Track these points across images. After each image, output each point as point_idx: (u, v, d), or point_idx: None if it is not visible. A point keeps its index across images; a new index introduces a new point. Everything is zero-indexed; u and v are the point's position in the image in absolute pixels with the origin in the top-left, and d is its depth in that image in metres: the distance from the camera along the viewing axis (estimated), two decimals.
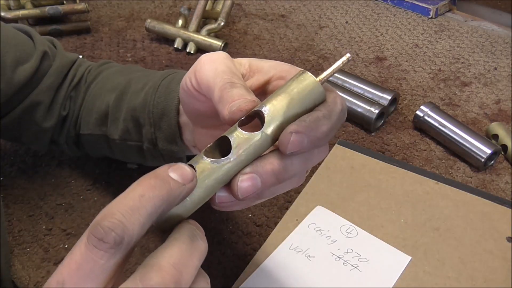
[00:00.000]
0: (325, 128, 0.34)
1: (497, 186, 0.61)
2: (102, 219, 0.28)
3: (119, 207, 0.28)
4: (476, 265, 0.50)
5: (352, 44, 0.91)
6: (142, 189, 0.29)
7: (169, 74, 0.51)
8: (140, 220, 0.28)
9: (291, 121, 0.33)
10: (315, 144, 0.34)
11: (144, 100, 0.50)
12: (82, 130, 0.56)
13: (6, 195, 0.61)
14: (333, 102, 0.35)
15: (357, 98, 0.71)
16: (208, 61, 0.39)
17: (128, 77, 0.54)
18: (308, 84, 0.34)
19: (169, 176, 0.30)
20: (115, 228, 0.27)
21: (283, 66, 0.40)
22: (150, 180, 0.30)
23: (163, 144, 0.49)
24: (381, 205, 0.57)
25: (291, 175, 0.35)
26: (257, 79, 0.40)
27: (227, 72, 0.37)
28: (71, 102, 0.57)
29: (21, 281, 0.52)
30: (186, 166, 0.31)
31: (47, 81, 0.55)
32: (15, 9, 0.91)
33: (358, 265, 0.50)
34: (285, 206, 0.58)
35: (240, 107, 0.34)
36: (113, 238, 0.27)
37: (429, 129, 0.68)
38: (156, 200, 0.29)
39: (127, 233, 0.28)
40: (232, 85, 0.36)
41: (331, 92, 0.37)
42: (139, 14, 1.02)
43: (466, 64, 0.84)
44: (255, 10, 1.03)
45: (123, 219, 0.28)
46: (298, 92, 0.34)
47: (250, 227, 0.56)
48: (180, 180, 0.30)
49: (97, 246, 0.27)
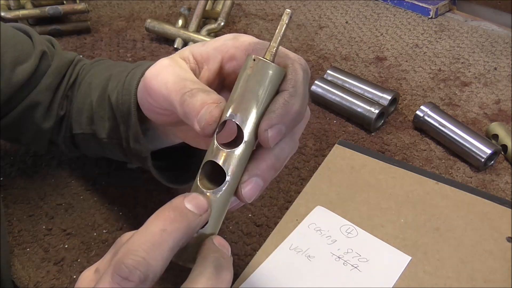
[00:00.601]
0: (296, 106, 0.34)
1: (497, 186, 0.61)
2: (124, 256, 0.28)
3: (141, 243, 0.28)
4: (476, 265, 0.50)
5: (352, 44, 0.91)
6: (163, 223, 0.29)
7: (134, 68, 0.49)
8: (163, 255, 0.28)
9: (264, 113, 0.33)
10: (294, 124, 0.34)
11: (116, 97, 0.48)
12: (74, 130, 0.55)
13: (6, 195, 0.61)
14: (293, 72, 0.34)
15: (357, 98, 0.71)
16: (154, 77, 0.38)
17: (110, 73, 0.53)
18: (266, 73, 0.33)
19: (186, 208, 0.30)
20: (139, 266, 0.27)
21: (227, 43, 0.38)
22: (168, 213, 0.30)
23: (132, 143, 0.48)
24: (381, 205, 0.57)
25: (286, 157, 0.36)
26: (208, 69, 0.39)
27: (177, 82, 0.36)
28: (68, 102, 0.57)
29: (21, 281, 0.52)
30: (200, 195, 0.31)
31: (46, 81, 0.55)
32: (15, 9, 0.91)
33: (358, 265, 0.50)
34: (285, 206, 0.58)
35: (208, 121, 0.33)
36: (138, 277, 0.27)
37: (429, 129, 0.68)
38: (177, 234, 0.29)
39: (151, 269, 0.28)
40: (190, 94, 0.35)
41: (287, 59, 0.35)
42: (139, 14, 1.02)
43: (466, 64, 0.84)
44: (255, 10, 1.03)
45: (146, 256, 0.28)
46: (260, 87, 0.33)
47: (250, 227, 0.56)
48: (196, 211, 0.31)
49: (122, 285, 0.27)
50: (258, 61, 0.33)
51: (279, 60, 0.35)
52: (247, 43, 0.38)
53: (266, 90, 0.33)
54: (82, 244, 0.55)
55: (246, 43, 0.38)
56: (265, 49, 0.35)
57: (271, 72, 0.33)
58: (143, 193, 0.61)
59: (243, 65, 0.34)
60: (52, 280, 0.52)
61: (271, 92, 0.33)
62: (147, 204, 0.60)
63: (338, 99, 0.72)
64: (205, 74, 0.39)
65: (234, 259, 0.53)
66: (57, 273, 0.52)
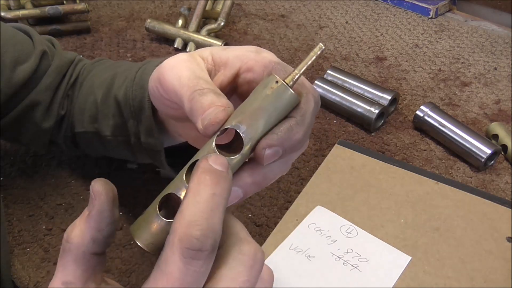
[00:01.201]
0: (299, 135, 0.34)
1: (497, 186, 0.61)
2: (189, 229, 0.27)
3: (200, 212, 0.28)
4: (476, 265, 0.50)
5: (352, 44, 0.91)
6: (210, 187, 0.29)
7: (144, 64, 0.50)
8: (221, 217, 0.29)
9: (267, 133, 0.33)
10: (292, 150, 0.34)
11: (125, 93, 0.49)
12: (76, 128, 0.56)
13: (6, 195, 0.61)
14: (306, 103, 0.35)
15: (357, 98, 0.71)
16: (170, 68, 0.38)
17: (114, 72, 0.53)
18: (283, 98, 0.33)
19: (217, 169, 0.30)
20: (208, 234, 0.27)
21: (248, 55, 0.39)
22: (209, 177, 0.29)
23: (144, 137, 0.48)
24: (381, 205, 0.57)
25: (272, 179, 0.36)
26: (224, 74, 0.39)
27: (192, 78, 0.36)
28: (68, 101, 0.57)
29: (21, 281, 0.52)
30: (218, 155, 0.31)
31: (46, 81, 0.55)
32: (15, 9, 0.91)
33: (358, 265, 0.50)
34: (285, 206, 0.58)
35: (211, 121, 0.33)
36: (211, 245, 0.27)
37: (429, 129, 0.68)
38: (226, 193, 0.29)
39: (218, 234, 0.28)
40: (200, 92, 0.35)
41: (303, 88, 0.35)
42: (139, 14, 1.02)
43: (466, 64, 0.84)
44: (255, 10, 1.03)
45: (210, 223, 0.28)
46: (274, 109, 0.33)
47: (250, 227, 0.56)
48: (224, 170, 0.30)
49: (195, 257, 0.27)
50: (280, 84, 0.33)
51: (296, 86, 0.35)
52: (267, 60, 0.38)
53: (278, 113, 0.33)
54: None
55: (266, 59, 0.38)
56: (283, 70, 0.36)
57: (288, 99, 0.33)
58: (143, 193, 0.61)
59: (263, 81, 0.34)
60: None
61: (281, 116, 0.34)
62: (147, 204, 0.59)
63: (338, 99, 0.72)
64: (219, 77, 0.39)
65: None
66: None
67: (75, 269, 0.30)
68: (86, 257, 0.30)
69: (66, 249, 0.30)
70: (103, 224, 0.30)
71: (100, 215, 0.30)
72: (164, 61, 0.39)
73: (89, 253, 0.30)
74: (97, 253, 0.31)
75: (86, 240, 0.30)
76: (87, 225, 0.30)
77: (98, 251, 0.31)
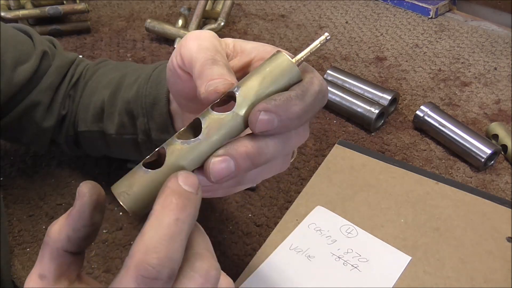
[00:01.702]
0: (297, 108, 0.33)
1: (497, 186, 0.61)
2: (146, 256, 0.26)
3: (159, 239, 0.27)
4: (476, 265, 0.50)
5: (352, 44, 0.91)
6: (174, 212, 0.28)
7: (161, 64, 0.51)
8: (182, 245, 0.28)
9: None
10: (287, 125, 0.33)
11: (137, 91, 0.49)
12: (79, 128, 0.56)
13: (6, 195, 0.61)
14: (309, 82, 0.34)
15: (357, 98, 0.71)
16: (194, 38, 0.38)
17: (122, 72, 0.54)
18: (281, 63, 0.33)
19: (186, 191, 0.29)
20: (165, 262, 0.26)
21: (265, 48, 0.39)
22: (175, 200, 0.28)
23: (156, 134, 0.49)
24: (381, 205, 0.57)
25: (267, 158, 0.34)
26: (239, 60, 0.39)
27: (210, 49, 0.36)
28: (70, 101, 0.57)
29: (21, 281, 0.52)
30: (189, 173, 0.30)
31: (47, 80, 0.55)
32: (15, 9, 0.91)
33: (358, 265, 0.50)
34: (285, 206, 0.58)
35: (217, 88, 0.33)
36: (167, 274, 0.26)
37: (429, 129, 0.68)
38: (190, 219, 0.28)
39: (176, 262, 0.27)
40: (214, 62, 0.35)
41: (309, 72, 0.35)
42: (139, 14, 1.02)
43: (466, 64, 0.84)
44: (255, 10, 1.03)
45: (169, 251, 0.27)
46: (270, 71, 0.33)
47: (250, 227, 0.56)
48: (193, 191, 0.29)
49: (150, 285, 0.26)
50: (279, 52, 0.33)
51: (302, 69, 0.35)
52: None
53: (273, 77, 0.33)
54: None
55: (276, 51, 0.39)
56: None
57: (286, 66, 0.33)
58: None
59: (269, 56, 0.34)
60: None
61: (280, 85, 0.33)
62: None
63: (338, 99, 0.72)
64: (234, 62, 0.40)
65: (234, 259, 0.53)
66: None
67: (49, 263, 0.30)
68: (60, 254, 0.30)
69: (45, 242, 0.31)
70: (79, 224, 0.30)
71: (78, 215, 0.30)
72: (189, 33, 0.39)
73: (63, 250, 0.30)
74: (71, 251, 0.31)
75: (61, 237, 0.30)
76: (65, 222, 0.30)
77: (72, 250, 0.30)
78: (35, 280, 0.30)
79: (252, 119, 0.32)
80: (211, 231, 0.56)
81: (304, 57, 0.34)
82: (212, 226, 0.56)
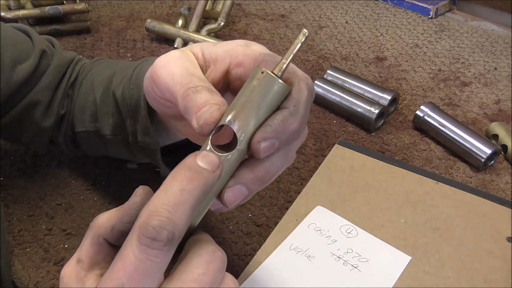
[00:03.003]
0: (294, 125, 0.34)
1: (497, 186, 0.61)
2: (148, 218, 0.28)
3: (162, 204, 0.28)
4: (476, 265, 0.50)
5: (352, 44, 0.91)
6: (180, 183, 0.29)
7: (141, 62, 0.50)
8: (186, 213, 0.29)
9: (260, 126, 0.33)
10: (289, 141, 0.34)
11: (122, 92, 0.49)
12: (77, 128, 0.56)
13: (6, 195, 0.61)
14: (298, 91, 0.34)
15: (357, 98, 0.71)
16: (163, 66, 0.38)
17: (113, 70, 0.53)
18: (271, 87, 0.33)
19: (200, 166, 0.30)
20: (165, 225, 0.28)
21: (237, 49, 0.38)
22: (184, 172, 0.30)
23: (140, 136, 0.48)
24: (381, 205, 0.57)
25: (274, 173, 0.36)
26: (215, 70, 0.39)
27: (185, 76, 0.36)
28: (68, 101, 0.57)
29: (21, 281, 0.52)
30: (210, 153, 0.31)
31: (46, 80, 0.55)
32: (15, 9, 0.90)
33: (358, 265, 0.50)
34: (285, 206, 0.58)
35: (207, 120, 0.33)
36: (166, 236, 0.28)
37: (429, 129, 0.68)
38: (196, 192, 0.30)
39: (177, 228, 0.28)
40: (194, 90, 0.35)
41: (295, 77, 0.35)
42: (139, 14, 1.02)
43: (466, 64, 0.84)
44: (255, 10, 1.03)
45: (170, 215, 0.28)
46: (262, 99, 0.33)
47: (250, 227, 0.56)
48: (210, 168, 0.31)
49: (150, 246, 0.28)
50: (266, 74, 0.33)
51: (286, 76, 0.35)
52: (257, 53, 0.38)
53: (267, 104, 0.33)
54: None
55: (256, 52, 0.38)
56: (274, 62, 0.35)
57: (276, 88, 0.33)
58: None
59: (250, 74, 0.34)
60: (52, 280, 0.52)
61: (272, 107, 0.34)
62: None
63: (338, 99, 0.72)
64: (211, 74, 0.39)
65: (234, 259, 0.53)
66: (57, 273, 0.52)
67: (88, 248, 0.32)
68: (100, 241, 0.32)
69: (89, 227, 0.32)
70: (125, 219, 0.32)
71: (128, 210, 0.32)
72: (156, 60, 0.39)
73: (103, 238, 0.32)
74: (110, 242, 0.32)
75: (107, 224, 0.32)
76: (115, 213, 0.32)
77: (111, 240, 0.32)
78: (72, 264, 0.32)
79: (254, 150, 0.33)
80: (211, 231, 0.56)
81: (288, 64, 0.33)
82: (212, 226, 0.56)
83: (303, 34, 0.33)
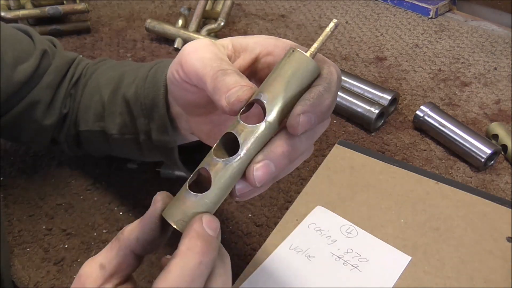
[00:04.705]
0: (328, 101, 0.34)
1: (497, 186, 0.61)
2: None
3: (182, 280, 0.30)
4: (476, 265, 0.50)
5: (352, 44, 0.91)
6: (198, 256, 0.31)
7: (156, 63, 0.50)
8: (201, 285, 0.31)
9: (292, 103, 0.33)
10: (322, 118, 0.35)
11: (135, 92, 0.49)
12: (80, 127, 0.56)
13: (6, 195, 0.61)
14: (329, 73, 0.35)
15: (357, 98, 0.71)
16: (193, 51, 0.38)
17: (121, 71, 0.54)
18: (301, 63, 0.33)
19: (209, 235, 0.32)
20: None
21: (268, 40, 0.39)
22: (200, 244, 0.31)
23: (156, 135, 0.49)
24: (381, 205, 0.57)
25: (301, 152, 0.36)
26: (244, 58, 0.39)
27: (214, 59, 0.36)
28: (71, 100, 0.57)
29: (21, 281, 0.52)
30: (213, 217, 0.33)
31: (47, 79, 0.55)
32: (15, 9, 0.91)
33: (358, 265, 0.50)
34: (285, 206, 0.58)
35: (239, 97, 0.33)
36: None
37: (429, 129, 0.68)
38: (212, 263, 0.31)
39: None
40: (224, 72, 0.35)
41: (325, 63, 0.36)
42: (139, 14, 1.02)
43: (466, 64, 0.84)
44: (255, 10, 1.03)
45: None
46: (293, 73, 0.33)
47: (250, 227, 0.56)
48: (214, 234, 0.32)
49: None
50: (297, 52, 0.34)
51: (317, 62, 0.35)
52: (287, 44, 0.39)
53: (298, 80, 0.33)
54: (82, 244, 0.55)
55: (287, 43, 0.39)
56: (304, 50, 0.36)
57: (306, 65, 0.34)
58: (143, 193, 0.61)
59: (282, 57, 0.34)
60: (52, 280, 0.52)
61: (303, 84, 0.34)
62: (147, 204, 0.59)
63: (338, 99, 0.72)
64: (239, 62, 0.40)
65: (234, 259, 0.53)
66: (57, 273, 0.52)
67: (114, 257, 0.33)
68: (126, 253, 0.33)
69: (117, 238, 0.34)
70: (147, 228, 0.33)
71: (149, 219, 0.33)
72: (184, 46, 0.39)
73: (130, 250, 0.33)
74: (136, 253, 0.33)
75: (132, 236, 0.33)
76: (137, 224, 0.34)
77: (138, 251, 0.33)
78: (95, 266, 0.33)
79: (293, 124, 0.33)
80: None
81: (318, 49, 0.34)
82: None
83: (333, 23, 0.34)
